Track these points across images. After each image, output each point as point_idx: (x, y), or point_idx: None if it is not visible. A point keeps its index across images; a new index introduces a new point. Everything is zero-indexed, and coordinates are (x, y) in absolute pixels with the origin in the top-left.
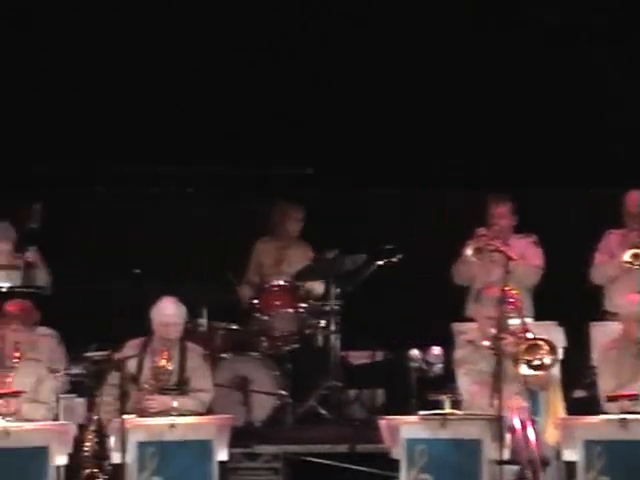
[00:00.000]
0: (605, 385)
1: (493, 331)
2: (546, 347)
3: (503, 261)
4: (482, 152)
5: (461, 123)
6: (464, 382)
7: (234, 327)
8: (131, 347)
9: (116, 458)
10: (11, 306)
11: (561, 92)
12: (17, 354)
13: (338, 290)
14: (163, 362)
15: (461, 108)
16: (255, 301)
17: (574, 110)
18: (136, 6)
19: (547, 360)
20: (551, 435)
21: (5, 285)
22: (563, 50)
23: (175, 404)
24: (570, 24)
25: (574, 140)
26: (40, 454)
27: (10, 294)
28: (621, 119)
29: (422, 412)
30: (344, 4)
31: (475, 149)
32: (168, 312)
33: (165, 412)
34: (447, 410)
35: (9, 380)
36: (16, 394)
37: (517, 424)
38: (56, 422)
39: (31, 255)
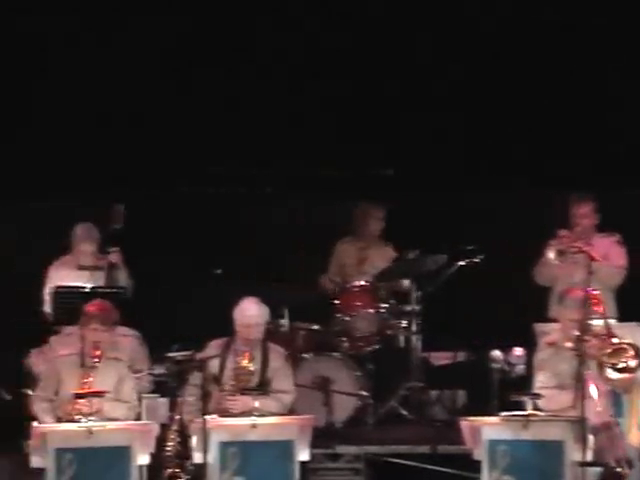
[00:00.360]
0: None
1: (576, 333)
2: (631, 351)
3: (586, 262)
4: (563, 152)
5: (542, 124)
6: (544, 383)
7: (315, 327)
8: (213, 347)
9: (198, 458)
10: (91, 306)
11: None
12: (97, 353)
13: (419, 291)
14: (245, 362)
15: (543, 109)
16: (336, 301)
17: None
18: None
19: (632, 363)
20: (635, 437)
21: (88, 286)
22: None
23: (256, 405)
24: None
25: None
26: (123, 453)
27: (93, 295)
28: None
29: (504, 413)
30: None
31: (556, 149)
32: (250, 313)
33: (246, 413)
34: (529, 411)
35: (90, 380)
36: (100, 394)
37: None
38: (139, 422)
39: (114, 256)
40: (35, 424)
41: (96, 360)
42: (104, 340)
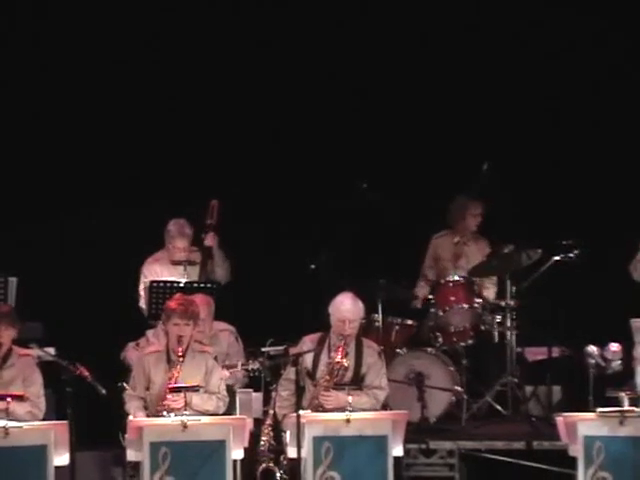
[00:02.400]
0: None
1: None
2: None
3: None
4: None
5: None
6: None
7: (409, 323)
8: (307, 342)
9: (292, 453)
10: (171, 302)
11: None
12: (181, 348)
13: (514, 286)
14: (339, 358)
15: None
16: (430, 297)
17: None
18: None
19: None
20: None
21: (182, 280)
22: None
23: (350, 400)
24: None
25: None
26: (218, 448)
27: (187, 289)
28: None
29: (600, 409)
30: None
31: None
32: (346, 308)
33: (340, 408)
34: (626, 407)
35: (177, 375)
36: (192, 388)
37: None
38: (233, 416)
39: (209, 239)
40: (131, 418)
41: (180, 355)
42: (187, 334)
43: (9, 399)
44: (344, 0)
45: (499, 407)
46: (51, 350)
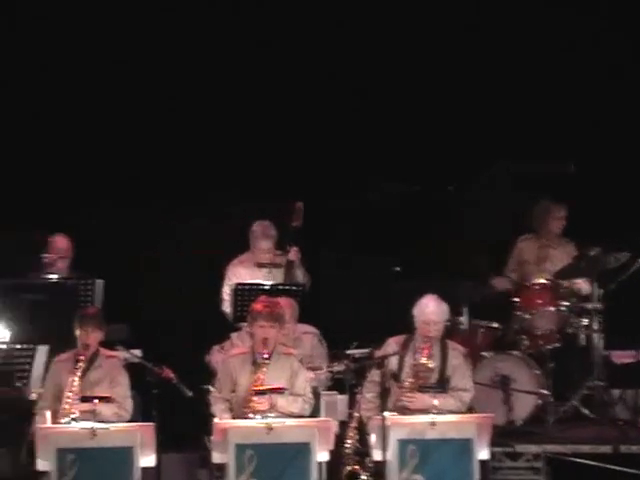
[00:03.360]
0: None
1: None
2: None
3: None
4: None
5: None
6: None
7: (495, 325)
8: (392, 345)
9: (377, 455)
10: (257, 304)
11: None
12: (266, 350)
13: (601, 289)
14: (424, 360)
15: None
16: (516, 299)
17: None
18: None
19: None
20: None
21: (267, 283)
22: None
23: (435, 402)
24: None
25: None
26: (303, 450)
27: (272, 292)
28: None
29: None
30: None
31: None
32: (430, 310)
33: (425, 410)
34: None
35: (262, 377)
36: (277, 390)
37: None
38: (318, 419)
39: (292, 254)
40: (216, 420)
41: (266, 357)
42: (272, 337)
43: (96, 401)
44: None
45: (585, 410)
46: (137, 352)
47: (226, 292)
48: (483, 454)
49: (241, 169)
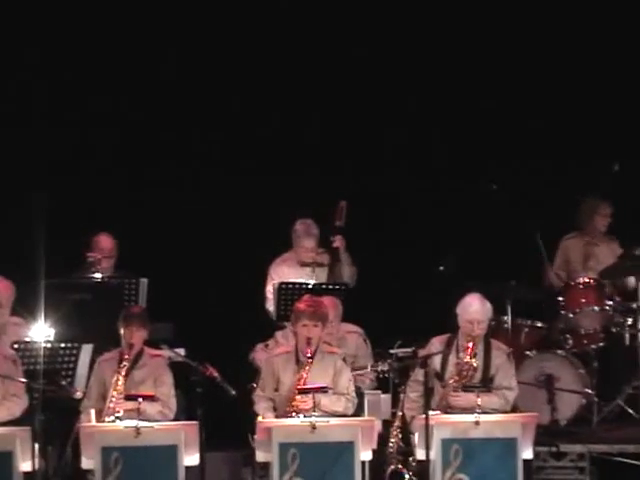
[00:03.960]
0: None
1: None
2: None
3: None
4: None
5: None
6: None
7: (539, 324)
8: (436, 344)
9: (420, 455)
10: (300, 303)
11: None
12: (310, 349)
13: None
14: (468, 359)
15: None
16: (561, 298)
17: None
18: None
19: None
20: None
21: (310, 282)
22: None
23: (479, 401)
24: None
25: None
26: (347, 449)
27: (316, 291)
28: None
29: None
30: None
31: None
32: (473, 308)
33: (469, 409)
34: None
35: (305, 376)
36: (321, 389)
37: None
38: (361, 418)
39: (337, 242)
40: (260, 419)
41: (309, 356)
42: (316, 336)
43: (140, 399)
44: None
45: (630, 410)
46: (181, 351)
47: (269, 291)
48: (527, 454)
49: (285, 168)
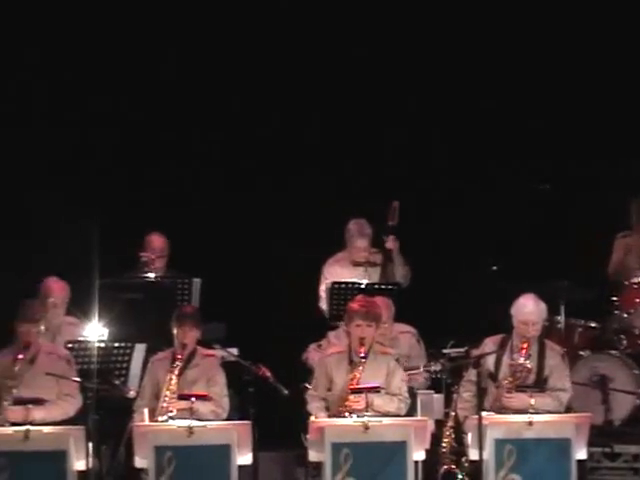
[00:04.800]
0: None
1: None
2: None
3: None
4: None
5: None
6: None
7: (593, 325)
8: (489, 344)
9: (473, 455)
10: (354, 303)
11: None
12: (363, 349)
13: None
14: (522, 360)
15: None
16: (615, 298)
17: None
18: None
19: None
20: None
21: (363, 282)
22: None
23: (533, 402)
24: None
25: None
26: (399, 449)
27: (368, 290)
28: None
29: None
30: None
31: None
32: (528, 310)
33: (523, 410)
34: None
35: (358, 376)
36: (373, 389)
37: None
38: (414, 418)
39: (390, 243)
40: (313, 419)
41: (362, 356)
42: (369, 336)
43: (193, 399)
44: None
45: None
46: (234, 351)
47: (322, 290)
48: (581, 454)
49: (338, 168)
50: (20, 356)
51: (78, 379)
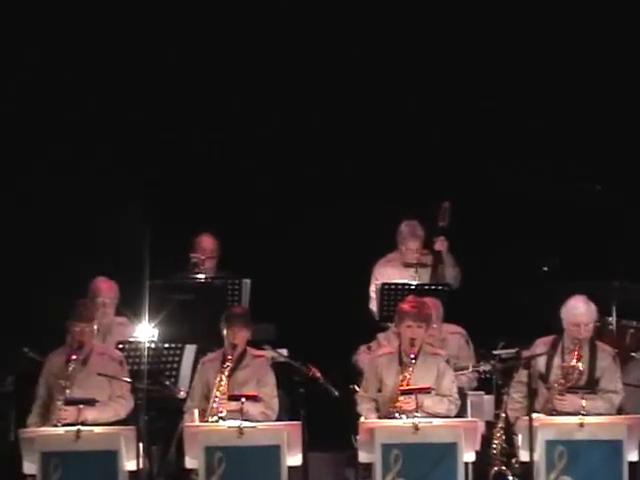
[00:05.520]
0: None
1: None
2: None
3: None
4: None
5: None
6: None
7: None
8: (540, 345)
9: (524, 456)
10: (404, 304)
11: None
12: (413, 350)
13: None
14: (573, 361)
15: None
16: None
17: None
18: None
19: None
20: None
21: (413, 283)
22: None
23: (584, 404)
24: None
25: None
26: (450, 450)
27: (419, 291)
28: None
29: None
30: None
31: None
32: (579, 311)
33: (575, 412)
34: None
35: (408, 377)
36: (424, 390)
37: None
38: (464, 419)
39: (439, 244)
40: (363, 420)
41: (412, 357)
42: (419, 337)
43: (243, 399)
44: None
45: None
46: (284, 351)
47: (373, 291)
48: (633, 456)
49: (389, 169)
50: (73, 357)
51: (130, 380)
